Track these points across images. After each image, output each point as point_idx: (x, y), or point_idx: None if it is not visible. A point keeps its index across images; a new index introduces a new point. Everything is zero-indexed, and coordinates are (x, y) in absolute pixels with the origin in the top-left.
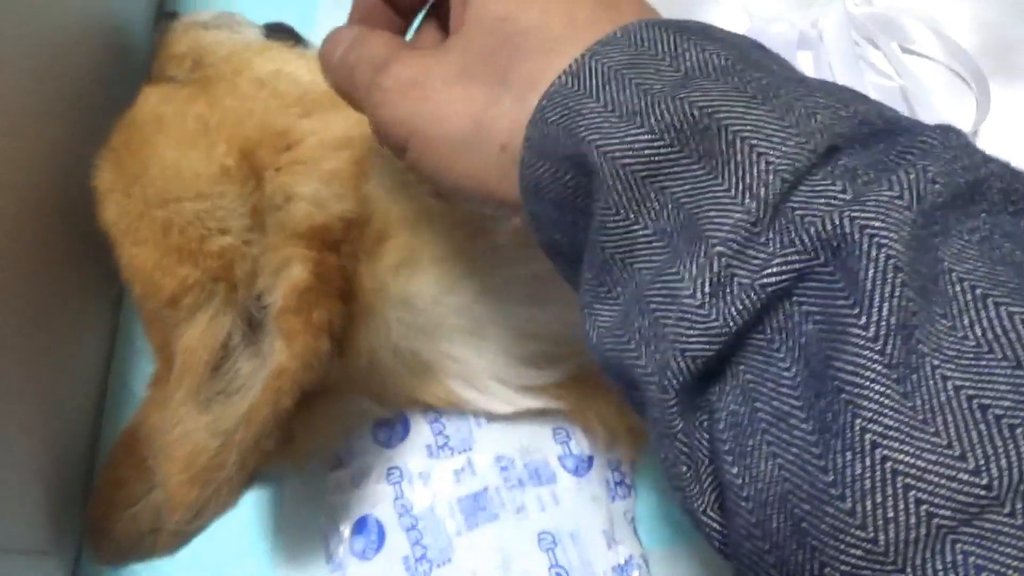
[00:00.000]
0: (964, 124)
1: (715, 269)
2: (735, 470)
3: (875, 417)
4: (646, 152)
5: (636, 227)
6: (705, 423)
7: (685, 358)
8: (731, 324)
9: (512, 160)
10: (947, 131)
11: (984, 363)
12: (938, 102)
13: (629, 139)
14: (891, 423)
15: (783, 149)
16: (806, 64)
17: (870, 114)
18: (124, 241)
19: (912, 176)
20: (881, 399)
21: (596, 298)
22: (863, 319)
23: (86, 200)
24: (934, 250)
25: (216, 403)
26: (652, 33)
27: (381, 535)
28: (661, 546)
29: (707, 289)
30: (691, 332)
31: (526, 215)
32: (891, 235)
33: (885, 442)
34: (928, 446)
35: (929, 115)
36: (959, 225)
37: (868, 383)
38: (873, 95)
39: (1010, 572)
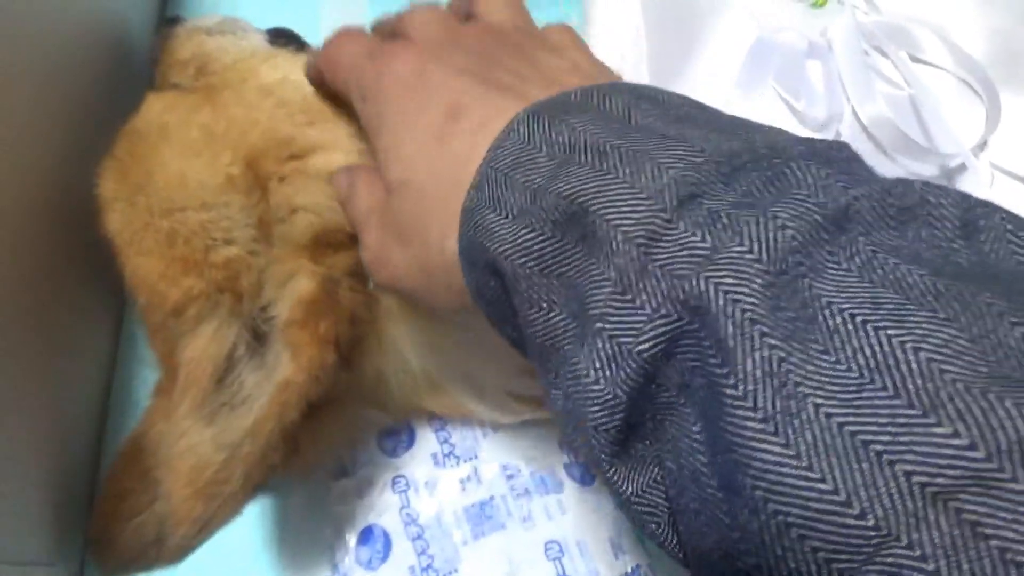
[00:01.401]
0: (974, 134)
1: (599, 345)
2: (680, 527)
3: (761, 474)
4: (535, 248)
5: (552, 315)
6: (657, 481)
7: (599, 433)
8: (622, 394)
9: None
10: (816, 158)
11: (866, 395)
12: (948, 111)
13: (519, 240)
14: (775, 477)
15: (634, 216)
16: (815, 74)
17: (734, 150)
18: (128, 251)
19: (761, 225)
20: (763, 455)
21: (550, 385)
22: (731, 379)
23: (89, 208)
24: (804, 291)
25: (220, 415)
26: (532, 124)
27: (387, 544)
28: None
29: (597, 366)
30: (594, 409)
31: (485, 317)
32: (743, 289)
33: (774, 497)
34: (814, 495)
35: (938, 125)
36: (833, 256)
37: (748, 441)
38: (883, 104)
39: None
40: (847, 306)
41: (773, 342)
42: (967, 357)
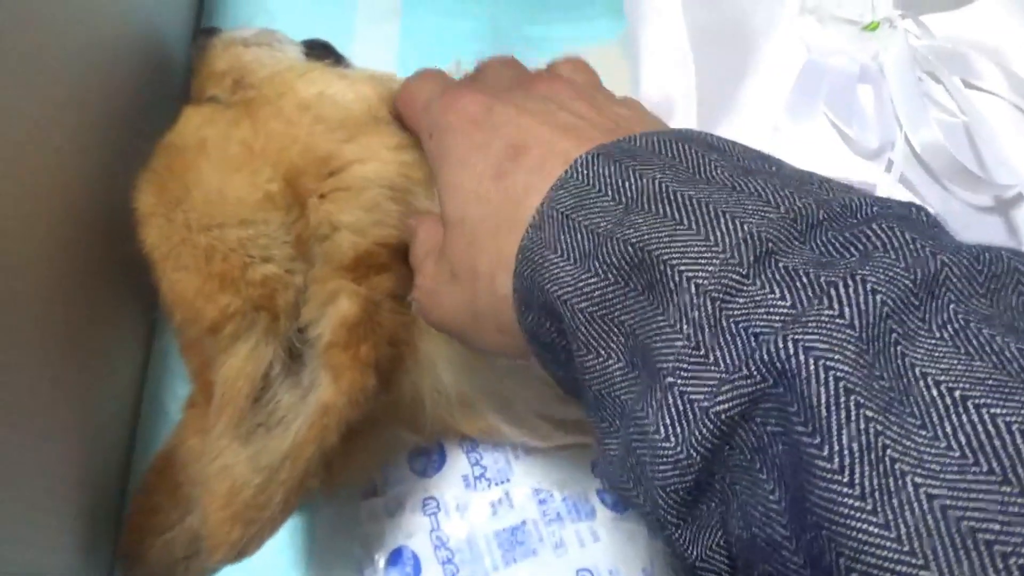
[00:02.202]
0: None
1: (670, 401)
2: None
3: (857, 556)
4: (596, 294)
5: (610, 362)
6: (720, 545)
7: (667, 493)
8: (695, 454)
9: (513, 325)
10: (898, 220)
11: (970, 477)
12: (1003, 140)
13: (581, 284)
14: (874, 560)
15: (709, 269)
16: (867, 99)
17: (809, 207)
18: (165, 266)
19: (851, 290)
20: (860, 535)
21: (603, 433)
22: (824, 450)
23: (122, 219)
24: (898, 359)
25: (256, 436)
26: (596, 166)
27: (417, 567)
28: None
29: (667, 422)
30: (664, 467)
31: (534, 357)
32: (836, 356)
33: None
34: None
35: (994, 153)
36: (925, 324)
37: (843, 519)
38: (936, 131)
39: None
40: (943, 378)
41: (869, 413)
42: None
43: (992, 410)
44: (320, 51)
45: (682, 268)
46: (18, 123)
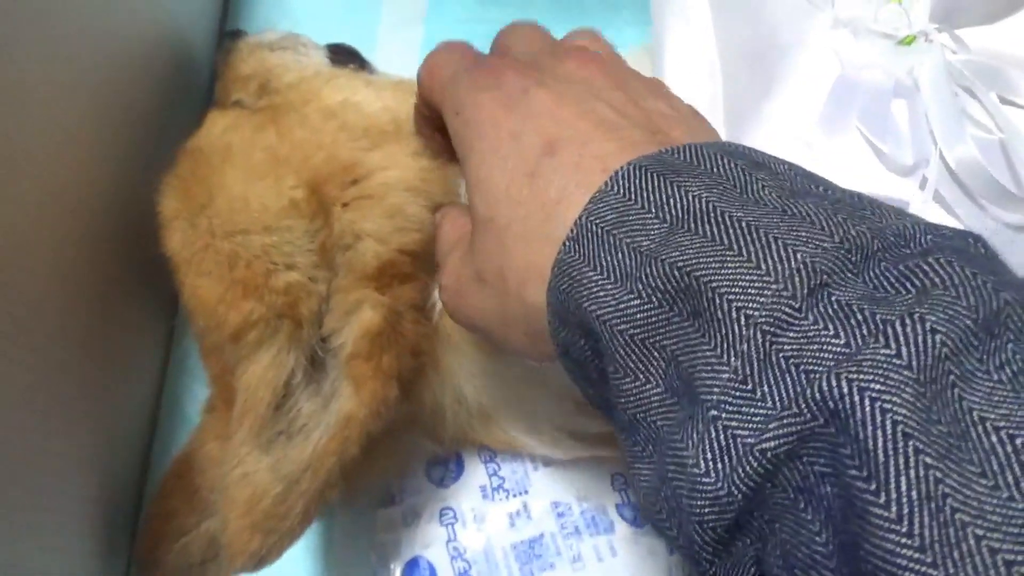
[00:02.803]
0: None
1: (712, 435)
2: None
3: None
4: (638, 316)
5: (648, 387)
6: None
7: (704, 530)
8: (737, 492)
9: (543, 332)
10: (956, 253)
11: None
12: None
13: (622, 305)
14: None
15: (760, 300)
16: (901, 114)
17: (863, 236)
18: (188, 271)
19: (909, 329)
20: None
21: (635, 457)
22: (882, 497)
23: (146, 222)
24: (955, 402)
25: (277, 444)
26: (639, 180)
27: None
28: None
29: (708, 457)
30: (702, 503)
31: (566, 372)
32: (894, 398)
33: None
34: None
35: None
36: (983, 365)
37: (902, 571)
38: (973, 148)
39: None
40: (1003, 424)
41: (929, 460)
42: None
43: None
44: (345, 56)
45: (731, 297)
46: (43, 127)
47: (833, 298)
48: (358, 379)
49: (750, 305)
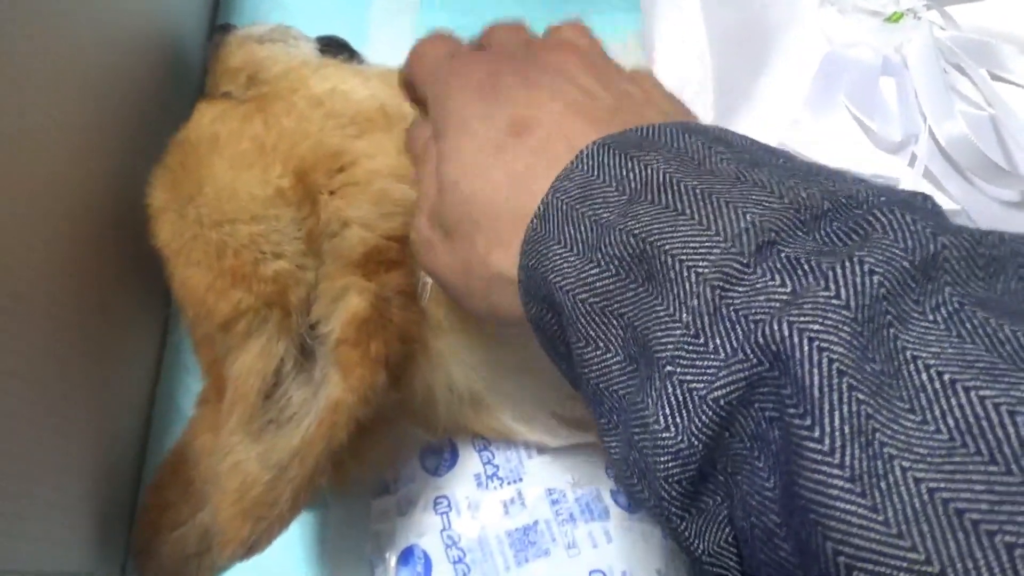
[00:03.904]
0: None
1: (669, 390)
2: None
3: (845, 539)
4: (598, 285)
5: (608, 356)
6: (729, 541)
7: (670, 484)
8: (697, 443)
9: (501, 297)
10: (900, 205)
11: (958, 459)
12: None
13: (583, 275)
14: (862, 543)
15: (710, 259)
16: (889, 91)
17: (813, 198)
18: (177, 261)
19: (848, 271)
20: (848, 517)
21: (604, 431)
22: (816, 431)
23: (136, 216)
24: (890, 341)
25: (267, 433)
26: (601, 156)
27: (428, 566)
28: None
29: (667, 412)
30: (666, 459)
31: (541, 348)
32: (831, 338)
33: (860, 564)
34: (904, 564)
35: (1021, 146)
36: (918, 306)
37: (832, 501)
38: (962, 124)
39: None
40: (933, 362)
41: (861, 396)
42: None
43: (981, 392)
44: (335, 48)
45: (682, 258)
46: (35, 121)
47: (782, 254)
48: (345, 365)
49: (700, 264)
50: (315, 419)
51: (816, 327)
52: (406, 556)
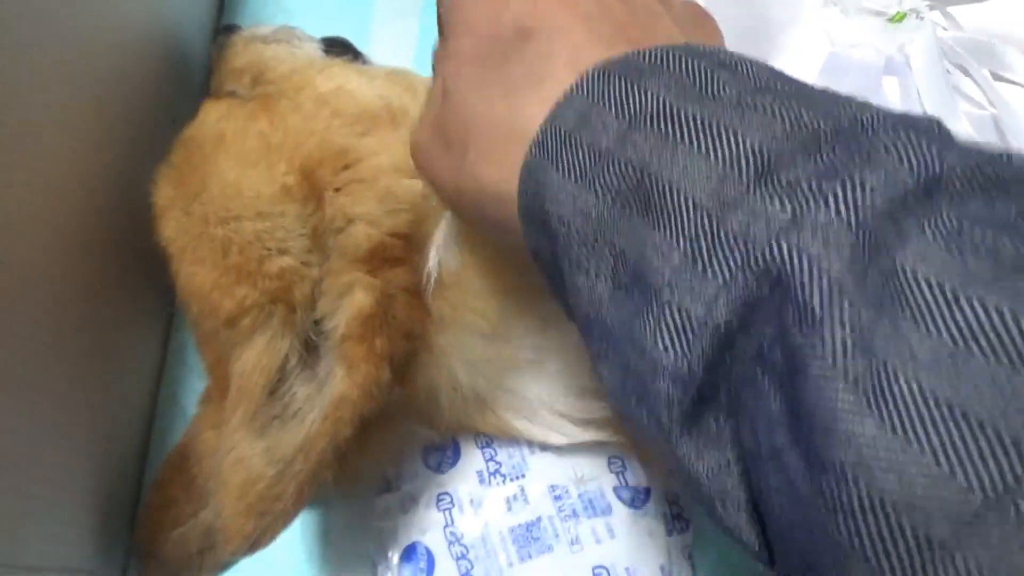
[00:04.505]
0: None
1: (668, 316)
2: (761, 507)
3: (855, 449)
4: (593, 214)
5: (599, 284)
6: (733, 462)
7: (671, 407)
8: (696, 367)
9: (490, 213)
10: (906, 126)
11: (960, 363)
12: None
13: (579, 204)
14: (869, 452)
15: (708, 187)
16: (892, 91)
17: (816, 122)
18: (182, 259)
19: (848, 191)
20: (855, 428)
21: (596, 359)
22: (819, 350)
23: (141, 214)
24: (890, 259)
25: (272, 429)
26: (601, 82)
27: (431, 563)
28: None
29: (666, 337)
30: (665, 383)
31: (543, 281)
32: (831, 256)
33: (871, 472)
34: (915, 469)
35: None
36: (919, 225)
37: (839, 414)
38: (965, 124)
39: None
40: (933, 276)
41: (861, 312)
42: None
43: (983, 299)
44: (339, 48)
45: (681, 187)
46: (39, 120)
47: (782, 177)
48: (350, 361)
49: (698, 192)
50: (319, 415)
51: (816, 248)
52: (409, 553)
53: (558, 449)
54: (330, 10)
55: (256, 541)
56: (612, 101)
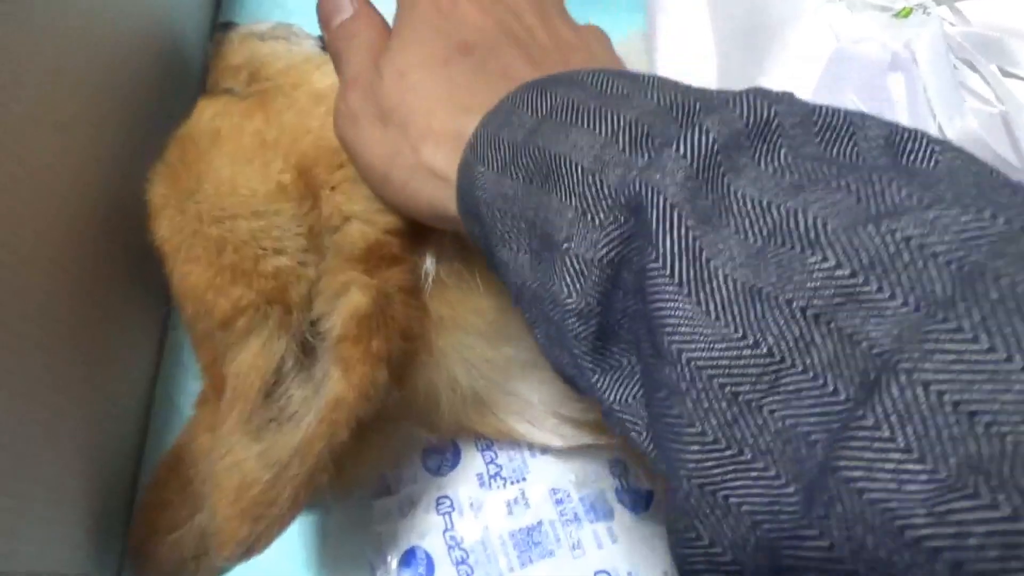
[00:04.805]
0: None
1: (567, 264)
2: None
3: (676, 329)
4: (510, 194)
5: (520, 255)
6: (635, 395)
7: (579, 342)
8: (593, 301)
9: (421, 188)
10: (756, 93)
11: (771, 255)
12: None
13: (500, 187)
14: (688, 329)
15: (593, 153)
16: (898, 88)
17: (688, 100)
18: (176, 258)
19: (691, 134)
20: (678, 313)
21: (531, 325)
22: (653, 254)
23: (136, 213)
24: (723, 186)
25: (267, 431)
26: (523, 93)
27: (430, 568)
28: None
29: (568, 281)
30: (572, 320)
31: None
32: (671, 186)
33: (688, 346)
34: (719, 337)
35: None
36: (752, 160)
37: (666, 303)
38: (972, 121)
39: (812, 419)
40: (755, 194)
41: (689, 223)
42: (851, 212)
43: (788, 204)
44: None
45: (572, 156)
46: (35, 118)
47: (655, 140)
48: (347, 362)
49: (585, 159)
50: (316, 417)
51: (658, 177)
52: (408, 558)
53: (559, 452)
54: None
55: (251, 546)
56: (528, 104)
